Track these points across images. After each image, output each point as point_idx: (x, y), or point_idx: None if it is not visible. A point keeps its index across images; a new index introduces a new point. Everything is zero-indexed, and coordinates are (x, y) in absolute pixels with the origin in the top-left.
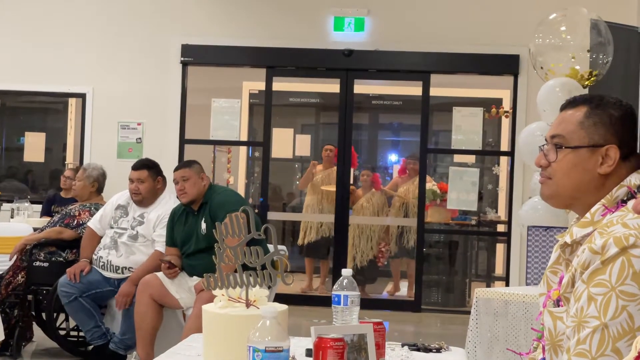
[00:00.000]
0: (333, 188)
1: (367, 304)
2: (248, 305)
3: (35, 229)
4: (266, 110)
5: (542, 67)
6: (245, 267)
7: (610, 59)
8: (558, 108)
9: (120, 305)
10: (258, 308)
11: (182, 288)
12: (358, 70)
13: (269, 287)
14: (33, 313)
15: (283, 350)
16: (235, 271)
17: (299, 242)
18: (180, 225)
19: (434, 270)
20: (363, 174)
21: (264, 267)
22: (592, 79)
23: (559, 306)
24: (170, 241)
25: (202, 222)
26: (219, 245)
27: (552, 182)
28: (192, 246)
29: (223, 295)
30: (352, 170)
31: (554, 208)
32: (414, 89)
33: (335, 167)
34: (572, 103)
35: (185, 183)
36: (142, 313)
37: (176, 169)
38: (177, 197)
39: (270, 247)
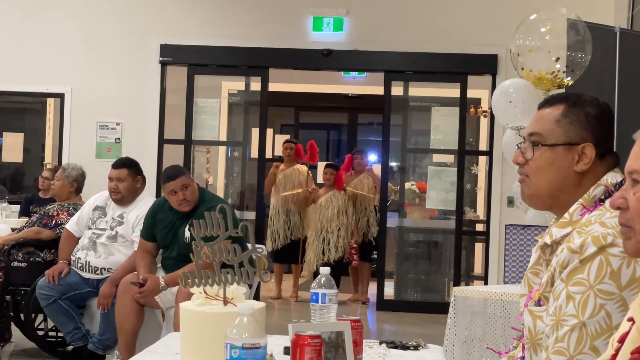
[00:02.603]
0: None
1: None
2: (225, 302)
3: (13, 229)
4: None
5: (522, 68)
6: (223, 265)
7: (589, 57)
8: (509, 109)
9: (102, 307)
10: (235, 306)
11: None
12: (337, 71)
13: (250, 286)
14: (11, 313)
15: (260, 347)
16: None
17: (269, 247)
18: (162, 223)
19: (413, 269)
20: (326, 172)
21: (241, 265)
22: (570, 78)
23: (540, 306)
24: (149, 236)
25: (187, 230)
26: (197, 242)
27: (530, 181)
28: (175, 251)
29: (201, 293)
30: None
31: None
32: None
33: (297, 165)
34: (549, 101)
35: (187, 191)
36: (124, 314)
37: (173, 179)
38: (176, 208)
39: (249, 245)
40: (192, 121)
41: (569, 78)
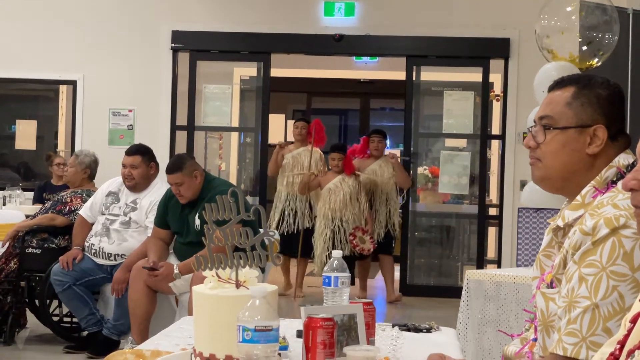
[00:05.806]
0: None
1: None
2: (238, 286)
3: (27, 216)
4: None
5: (548, 50)
6: (235, 249)
7: (616, 38)
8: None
9: (116, 292)
10: (248, 289)
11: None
12: (348, 56)
13: (262, 269)
14: (26, 299)
15: (273, 329)
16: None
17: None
18: (174, 212)
19: (426, 253)
20: (333, 157)
21: (253, 248)
22: (597, 59)
23: (552, 288)
24: (161, 223)
25: (197, 217)
26: (209, 226)
27: (542, 164)
28: (187, 238)
29: (213, 276)
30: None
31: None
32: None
33: (308, 146)
34: (559, 84)
35: (180, 187)
36: (136, 300)
37: (168, 173)
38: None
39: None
40: (195, 107)
41: (596, 59)
